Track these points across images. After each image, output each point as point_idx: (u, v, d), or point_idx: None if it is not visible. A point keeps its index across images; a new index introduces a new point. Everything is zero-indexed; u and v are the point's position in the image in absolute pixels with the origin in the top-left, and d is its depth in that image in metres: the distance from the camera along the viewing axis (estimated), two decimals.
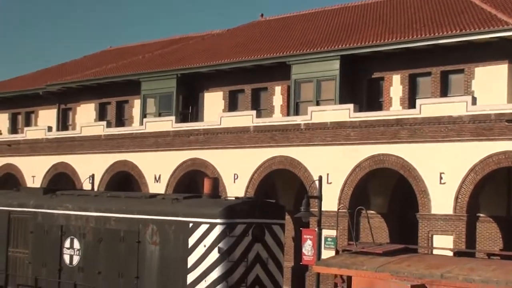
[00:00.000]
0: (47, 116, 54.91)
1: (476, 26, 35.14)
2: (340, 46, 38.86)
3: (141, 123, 45.24)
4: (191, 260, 20.67)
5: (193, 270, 20.56)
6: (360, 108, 36.54)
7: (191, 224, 20.87)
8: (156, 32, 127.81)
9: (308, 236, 29.22)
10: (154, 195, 24.28)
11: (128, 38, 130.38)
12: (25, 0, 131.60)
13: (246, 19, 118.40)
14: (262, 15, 53.13)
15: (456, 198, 31.98)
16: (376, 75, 38.95)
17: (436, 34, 35.97)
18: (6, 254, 26.39)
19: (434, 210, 32.57)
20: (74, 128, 51.74)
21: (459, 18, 37.39)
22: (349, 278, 18.33)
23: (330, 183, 35.16)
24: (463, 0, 40.50)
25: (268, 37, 46.73)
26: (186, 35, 58.52)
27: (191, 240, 20.75)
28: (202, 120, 44.47)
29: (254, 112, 39.55)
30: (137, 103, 48.35)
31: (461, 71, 36.22)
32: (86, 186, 42.46)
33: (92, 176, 42.54)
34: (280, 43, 43.96)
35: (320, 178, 29.98)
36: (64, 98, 53.58)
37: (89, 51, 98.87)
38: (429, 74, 37.23)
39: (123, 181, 44.99)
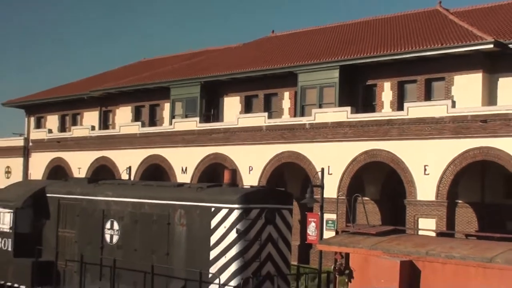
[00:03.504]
0: (90, 117, 55.06)
1: (455, 40, 35.06)
2: (339, 58, 38.83)
3: (170, 123, 45.30)
4: (213, 239, 20.63)
5: (215, 247, 20.51)
6: (356, 110, 36.49)
7: (213, 209, 20.83)
8: (182, 46, 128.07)
9: (312, 219, 29.16)
10: (182, 184, 24.24)
11: (158, 51, 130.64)
12: (66, 18, 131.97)
13: (259, 34, 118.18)
14: (273, 31, 53.15)
15: (438, 186, 31.92)
16: (370, 82, 38.90)
17: (421, 47, 35.90)
18: (57, 234, 26.40)
19: (420, 197, 32.52)
20: (113, 127, 51.88)
21: (440, 34, 37.31)
22: (347, 255, 18.31)
23: (331, 174, 35.16)
24: (444, 18, 40.41)
25: (278, 50, 46.71)
26: (208, 48, 58.56)
27: (213, 222, 20.71)
28: (222, 120, 44.53)
29: (266, 114, 39.57)
30: (167, 106, 48.42)
31: (442, 78, 36.14)
32: (124, 176, 42.61)
33: (129, 168, 42.69)
34: (288, 55, 43.93)
35: (322, 170, 29.95)
36: (105, 102, 53.74)
37: (126, 62, 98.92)
38: (415, 81, 37.16)
39: (155, 172, 45.09)
